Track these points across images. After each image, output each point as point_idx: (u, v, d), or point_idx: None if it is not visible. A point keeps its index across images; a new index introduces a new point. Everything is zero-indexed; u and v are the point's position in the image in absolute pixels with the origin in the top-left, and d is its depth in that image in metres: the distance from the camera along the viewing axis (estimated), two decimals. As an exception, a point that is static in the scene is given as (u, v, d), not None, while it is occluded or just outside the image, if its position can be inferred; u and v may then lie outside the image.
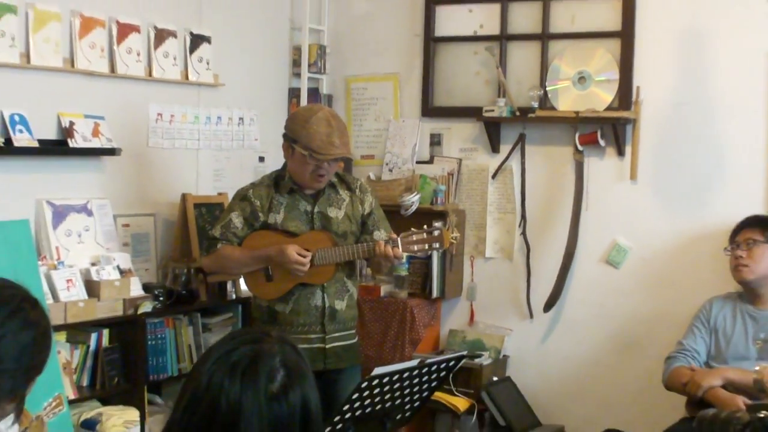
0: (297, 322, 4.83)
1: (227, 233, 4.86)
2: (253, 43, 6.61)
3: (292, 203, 4.86)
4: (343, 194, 4.96)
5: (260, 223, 4.85)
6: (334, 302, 4.88)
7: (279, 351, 2.12)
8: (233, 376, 2.06)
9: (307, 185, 4.84)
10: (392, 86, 6.76)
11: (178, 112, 6.01)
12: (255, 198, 4.86)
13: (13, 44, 5.01)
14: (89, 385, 5.23)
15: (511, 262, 6.42)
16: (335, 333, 4.88)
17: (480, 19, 6.46)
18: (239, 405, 2.04)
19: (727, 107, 5.79)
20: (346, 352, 4.94)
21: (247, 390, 2.05)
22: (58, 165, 5.35)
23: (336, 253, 4.77)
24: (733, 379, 4.94)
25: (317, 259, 4.76)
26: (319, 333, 4.84)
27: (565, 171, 6.20)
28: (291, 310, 4.84)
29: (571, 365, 6.27)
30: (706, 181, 5.86)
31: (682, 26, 5.88)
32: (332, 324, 4.87)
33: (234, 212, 4.88)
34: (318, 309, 4.84)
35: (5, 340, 2.38)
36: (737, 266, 5.23)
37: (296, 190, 4.87)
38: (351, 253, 4.78)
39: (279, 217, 4.84)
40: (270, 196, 4.87)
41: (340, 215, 4.91)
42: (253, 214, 4.85)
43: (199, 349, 5.78)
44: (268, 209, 4.85)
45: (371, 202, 5.03)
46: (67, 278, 5.10)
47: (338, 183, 4.97)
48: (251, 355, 2.10)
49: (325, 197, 4.90)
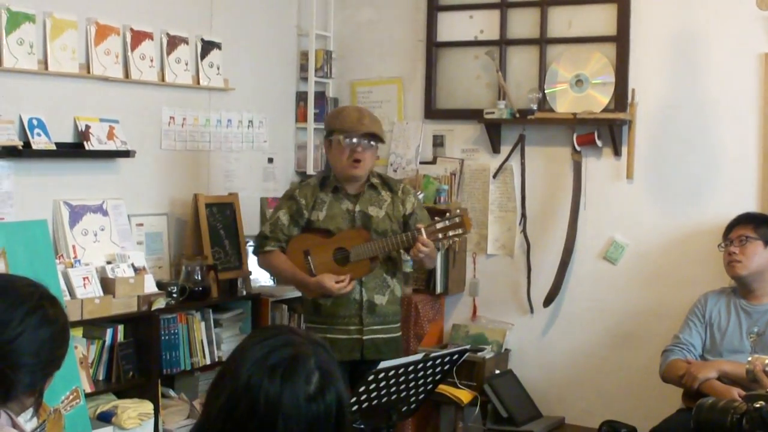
0: (338, 314, 4.99)
1: (276, 230, 5.06)
2: (262, 49, 6.64)
3: (335, 202, 5.03)
4: (385, 195, 5.10)
5: (305, 220, 5.04)
6: (373, 296, 5.01)
7: (313, 353, 2.15)
8: (272, 378, 2.08)
9: (346, 173, 4.99)
10: (396, 90, 6.79)
11: (189, 116, 6.06)
12: (300, 197, 5.06)
13: (31, 51, 5.05)
14: (105, 378, 5.27)
15: (512, 259, 6.43)
16: (374, 325, 5.01)
17: (480, 24, 6.48)
18: (278, 405, 2.06)
19: (720, 108, 5.79)
20: (386, 344, 5.05)
21: (286, 391, 2.07)
22: (75, 167, 5.39)
23: (368, 248, 4.94)
24: (728, 371, 4.96)
25: (353, 256, 4.95)
26: (357, 324, 4.99)
27: (563, 171, 6.22)
28: (332, 302, 4.99)
29: (570, 358, 6.27)
30: (700, 180, 5.87)
31: (675, 30, 5.89)
32: (371, 317, 5.00)
33: (281, 210, 5.09)
34: (356, 302, 4.98)
35: (24, 336, 2.39)
36: (731, 262, 5.23)
37: (339, 189, 5.03)
38: (382, 247, 4.93)
39: (321, 215, 5.02)
40: (315, 194, 5.05)
41: (381, 214, 5.04)
42: (299, 212, 5.04)
43: (211, 344, 5.81)
44: (312, 207, 5.03)
45: (414, 203, 5.16)
46: (83, 276, 5.13)
47: (380, 185, 5.11)
48: (288, 358, 2.11)
49: (367, 197, 5.05)
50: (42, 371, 2.46)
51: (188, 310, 5.73)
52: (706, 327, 5.31)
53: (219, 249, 5.98)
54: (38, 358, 2.43)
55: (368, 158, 5.02)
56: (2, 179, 4.96)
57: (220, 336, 5.93)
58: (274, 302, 6.22)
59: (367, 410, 4.10)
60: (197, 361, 5.75)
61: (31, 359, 2.41)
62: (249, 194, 6.47)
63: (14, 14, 5.00)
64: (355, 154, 4.95)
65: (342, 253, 4.98)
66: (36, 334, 2.42)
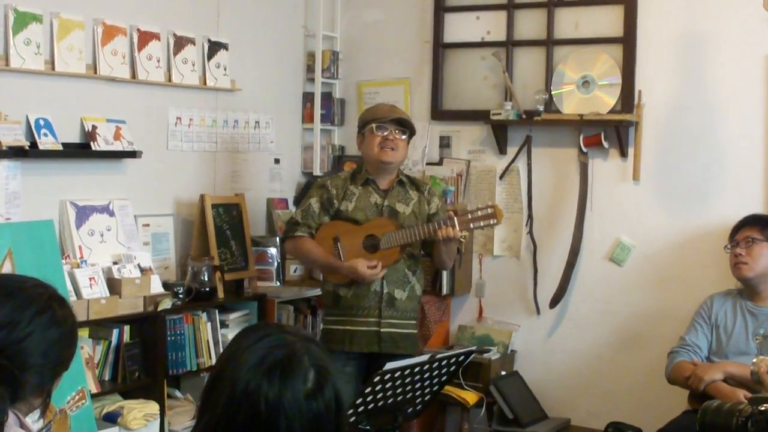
0: (357, 305, 5.05)
1: (307, 217, 5.13)
2: (269, 50, 6.66)
3: (365, 195, 5.11)
4: (412, 194, 5.18)
5: (334, 210, 5.11)
6: (394, 290, 5.07)
7: (306, 351, 2.14)
8: (271, 381, 2.07)
9: (378, 160, 5.06)
10: (403, 90, 6.79)
11: (196, 116, 6.07)
12: (332, 187, 5.15)
13: (38, 52, 5.05)
14: (111, 379, 5.27)
15: (519, 260, 6.44)
16: (391, 319, 5.06)
17: (487, 25, 6.49)
18: (280, 407, 2.06)
19: (727, 110, 5.80)
20: (403, 339, 5.11)
21: (285, 393, 2.07)
22: (82, 167, 5.39)
23: (400, 236, 4.98)
24: (734, 373, 4.98)
25: (383, 243, 5.01)
26: (375, 317, 5.04)
27: (570, 172, 6.23)
28: (353, 294, 5.06)
29: (576, 360, 6.28)
30: (707, 182, 5.87)
31: (682, 32, 5.90)
32: (389, 310, 5.06)
33: (313, 198, 5.17)
34: (377, 294, 5.04)
35: (33, 336, 2.39)
36: (737, 264, 5.24)
37: (370, 182, 5.11)
38: (414, 234, 4.97)
39: (350, 206, 5.09)
40: (345, 186, 5.14)
41: (408, 211, 5.12)
42: (329, 201, 5.12)
43: (217, 344, 5.80)
44: (343, 197, 5.10)
45: (438, 205, 5.25)
46: (89, 276, 5.13)
47: (408, 184, 5.21)
48: (284, 359, 2.10)
49: (395, 193, 5.13)
50: (50, 372, 2.46)
51: (194, 310, 5.72)
52: (712, 329, 5.31)
53: (225, 250, 5.98)
54: (46, 359, 2.43)
55: (401, 146, 5.11)
56: (9, 179, 4.95)
57: (226, 337, 5.88)
58: (280, 303, 6.22)
59: (373, 411, 4.11)
60: (203, 362, 5.74)
61: (40, 360, 2.41)
62: (255, 195, 6.48)
63: (21, 14, 5.00)
64: (387, 142, 5.04)
65: (372, 241, 5.04)
66: (45, 334, 2.42)
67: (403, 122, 5.12)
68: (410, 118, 5.24)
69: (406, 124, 5.13)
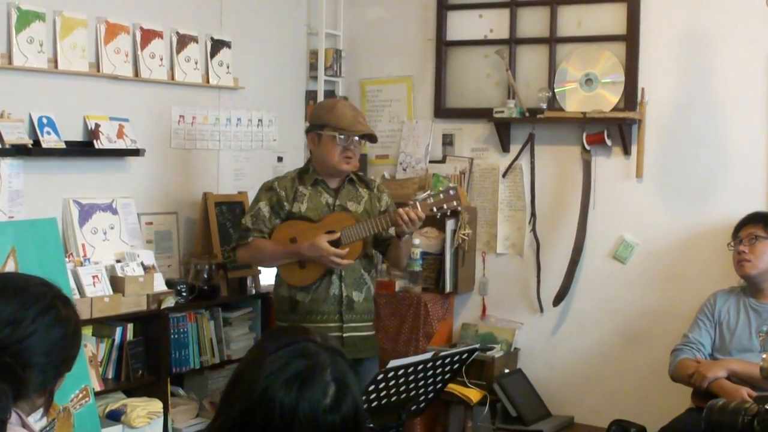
0: (316, 310, 4.94)
1: (257, 222, 5.00)
2: (272, 48, 6.66)
3: (315, 195, 5.00)
4: (362, 192, 5.10)
5: (285, 212, 4.99)
6: (352, 293, 4.98)
7: (330, 363, 2.13)
8: (288, 390, 2.05)
9: (335, 168, 4.96)
10: (406, 88, 6.78)
11: (199, 114, 6.07)
12: (280, 189, 5.02)
13: (41, 50, 5.06)
14: (114, 377, 5.28)
15: (522, 258, 6.43)
16: (352, 323, 4.98)
17: (490, 23, 6.48)
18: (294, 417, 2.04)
19: (730, 107, 5.79)
20: (364, 342, 5.03)
21: (302, 403, 2.05)
22: (85, 165, 5.39)
23: (360, 229, 4.88)
24: (737, 370, 4.99)
25: (344, 238, 4.88)
26: (336, 322, 4.95)
27: (573, 169, 6.22)
28: (311, 299, 4.95)
29: (580, 357, 6.27)
30: (710, 179, 5.87)
31: (685, 29, 5.89)
32: (349, 314, 4.97)
33: (261, 202, 5.04)
34: (336, 298, 4.95)
35: (36, 335, 2.38)
36: (740, 261, 5.25)
37: (320, 182, 5.01)
38: (375, 226, 4.88)
39: (302, 207, 4.97)
40: (294, 187, 5.02)
41: (360, 209, 5.03)
42: (279, 203, 5.00)
43: (220, 342, 5.83)
44: (293, 199, 4.99)
45: (387, 201, 5.17)
46: (92, 274, 5.13)
47: (357, 181, 5.12)
48: (305, 369, 2.09)
49: (346, 191, 5.04)
50: (53, 371, 2.46)
51: (197, 308, 5.74)
52: (715, 326, 5.31)
53: (228, 248, 5.98)
54: (50, 358, 2.42)
55: (358, 155, 5.05)
56: (12, 177, 4.96)
57: (230, 335, 5.94)
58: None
59: (377, 409, 4.10)
60: (206, 360, 5.77)
61: (43, 359, 2.40)
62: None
63: (24, 13, 5.01)
64: (348, 152, 4.96)
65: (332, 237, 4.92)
66: (48, 333, 2.42)
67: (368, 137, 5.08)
68: (374, 132, 5.15)
69: (372, 139, 5.11)
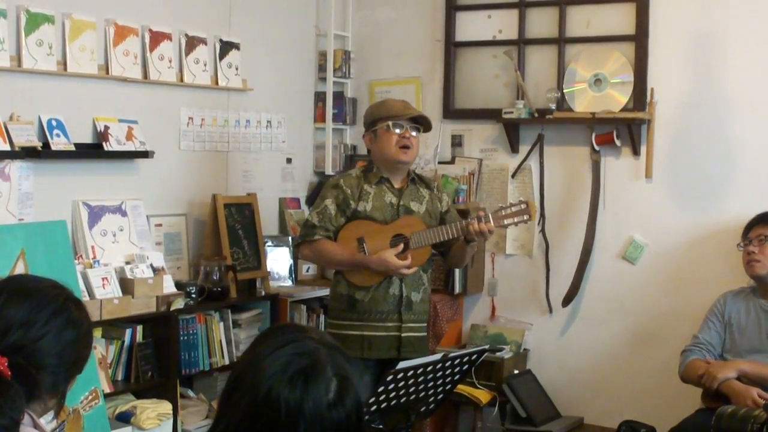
0: (375, 309, 4.89)
1: (324, 219, 4.93)
2: (280, 49, 6.66)
3: (380, 194, 4.95)
4: (424, 192, 5.06)
5: (351, 210, 4.93)
6: (411, 293, 4.95)
7: (330, 360, 2.12)
8: (293, 389, 2.05)
9: (395, 159, 4.91)
10: (414, 89, 6.78)
11: (208, 116, 6.08)
12: (346, 186, 4.96)
13: (50, 53, 5.07)
14: (124, 379, 5.28)
15: (531, 259, 6.43)
16: (410, 323, 4.95)
17: (499, 24, 6.48)
18: (300, 415, 2.04)
19: (739, 107, 5.78)
20: (420, 342, 5.01)
21: (306, 401, 2.05)
22: (94, 168, 5.40)
23: (430, 235, 4.87)
24: (748, 371, 4.98)
25: (413, 243, 4.86)
26: (395, 321, 4.91)
27: (582, 170, 6.21)
28: (371, 298, 4.90)
29: (589, 358, 6.27)
30: (719, 179, 5.86)
31: (694, 29, 5.89)
32: (408, 313, 4.93)
33: (328, 199, 4.96)
34: (395, 298, 4.91)
35: (48, 337, 2.40)
36: (750, 261, 5.24)
37: (384, 181, 4.97)
38: (445, 233, 4.86)
39: (368, 206, 4.92)
40: (360, 185, 4.96)
41: (422, 210, 5.00)
42: (345, 201, 4.93)
43: (230, 344, 5.82)
44: (359, 197, 4.93)
45: (448, 202, 5.16)
46: (102, 276, 5.14)
47: (419, 182, 5.08)
48: (307, 367, 2.08)
49: (409, 191, 5.01)
50: (65, 373, 2.46)
51: (207, 310, 5.74)
52: (725, 327, 5.30)
53: (238, 249, 5.99)
54: (61, 360, 2.43)
55: (416, 145, 4.99)
56: (22, 180, 4.97)
57: (239, 336, 5.93)
58: (293, 302, 6.22)
59: (386, 410, 4.10)
60: (216, 362, 5.77)
61: (55, 360, 2.41)
62: (268, 194, 6.49)
63: (33, 15, 5.02)
64: (404, 140, 4.91)
65: (400, 240, 4.89)
66: (60, 335, 2.43)
67: (419, 120, 5.01)
68: (425, 115, 5.13)
69: (423, 122, 5.02)
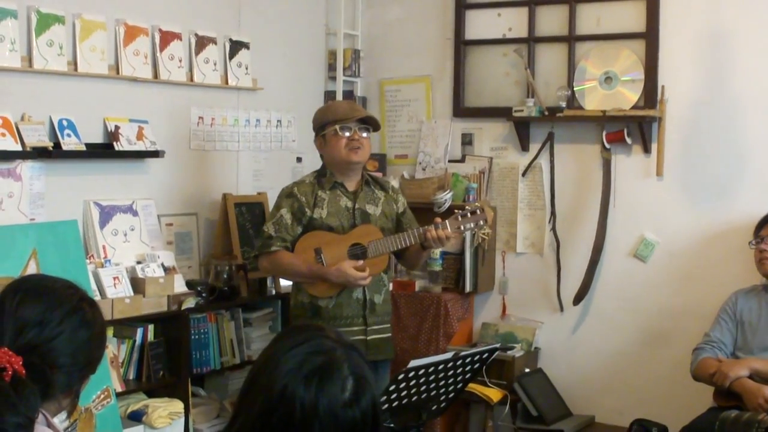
0: (340, 315, 4.86)
1: (280, 229, 4.90)
2: (290, 49, 6.67)
3: (334, 199, 4.93)
4: (379, 193, 5.04)
5: (307, 218, 4.90)
6: (373, 295, 4.93)
7: (346, 358, 2.12)
8: (308, 387, 2.05)
9: (346, 161, 4.89)
10: (425, 88, 6.78)
11: (218, 116, 6.09)
12: (300, 194, 4.93)
13: (61, 53, 5.08)
14: (135, 378, 5.29)
15: (542, 257, 6.43)
16: (375, 325, 4.94)
17: (508, 22, 6.47)
18: (315, 413, 2.05)
19: (750, 105, 5.76)
20: (385, 344, 5.00)
21: (322, 399, 2.05)
22: (105, 167, 5.41)
23: (388, 243, 4.85)
24: (760, 369, 4.98)
25: (371, 251, 4.83)
26: (360, 325, 4.90)
27: (593, 168, 6.20)
28: (335, 304, 4.88)
29: (600, 357, 6.26)
30: (731, 177, 5.84)
31: (705, 27, 5.87)
32: (372, 317, 4.92)
33: (282, 209, 4.94)
34: (359, 302, 4.90)
35: (62, 337, 2.41)
36: (762, 260, 5.23)
37: (338, 185, 4.95)
38: (402, 241, 4.84)
39: (323, 212, 4.89)
40: (314, 192, 4.93)
41: (378, 212, 4.99)
42: (300, 209, 4.90)
43: (241, 343, 5.84)
44: (314, 204, 4.90)
45: (403, 202, 5.15)
46: (113, 276, 5.16)
47: (373, 183, 5.06)
48: (323, 365, 2.09)
49: (364, 194, 4.98)
50: (78, 373, 2.48)
51: (218, 309, 5.75)
52: (737, 325, 5.29)
53: (248, 248, 5.98)
54: (75, 360, 2.45)
55: (366, 145, 4.95)
56: (33, 180, 4.98)
57: (250, 335, 5.95)
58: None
59: (397, 409, 4.11)
60: (227, 361, 5.79)
61: (69, 360, 2.43)
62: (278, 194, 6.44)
63: (44, 16, 5.03)
64: (353, 143, 4.88)
65: (358, 249, 4.87)
66: (74, 335, 2.44)
67: (367, 120, 4.99)
68: (372, 115, 5.10)
69: (371, 122, 5.00)
